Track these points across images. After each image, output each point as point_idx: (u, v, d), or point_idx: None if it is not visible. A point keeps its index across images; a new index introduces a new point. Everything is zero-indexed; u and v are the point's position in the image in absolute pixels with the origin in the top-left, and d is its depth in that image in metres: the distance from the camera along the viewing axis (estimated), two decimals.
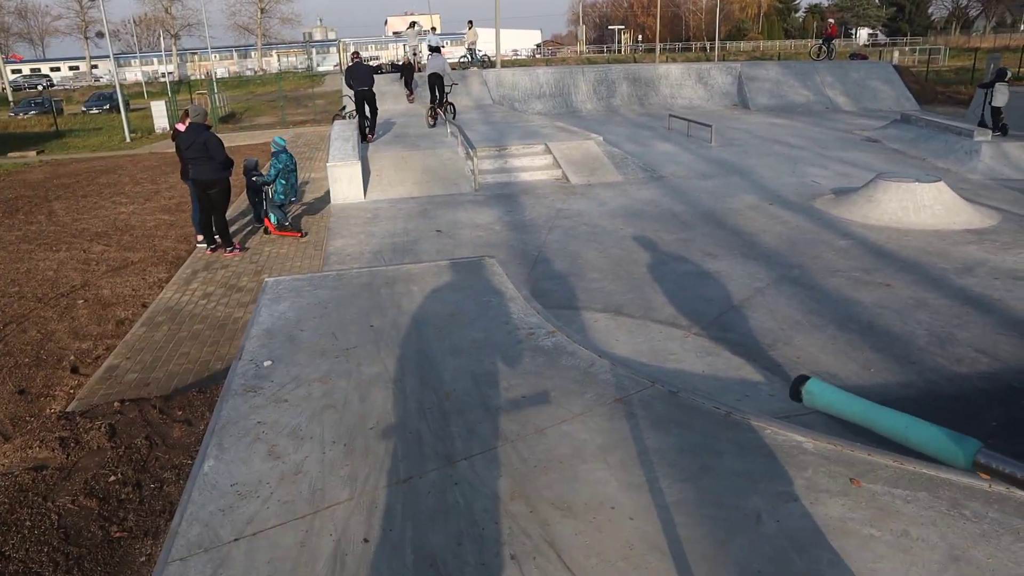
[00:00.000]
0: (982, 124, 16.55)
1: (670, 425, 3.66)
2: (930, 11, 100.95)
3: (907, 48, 65.92)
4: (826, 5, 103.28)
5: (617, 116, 24.49)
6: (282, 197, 11.14)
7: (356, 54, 18.64)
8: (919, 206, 10.90)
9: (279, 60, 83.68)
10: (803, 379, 3.40)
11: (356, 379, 4.04)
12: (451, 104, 18.71)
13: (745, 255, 9.36)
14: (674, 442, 3.52)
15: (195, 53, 79.58)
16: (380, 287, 5.00)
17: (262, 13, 72.80)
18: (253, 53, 79.26)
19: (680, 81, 27.91)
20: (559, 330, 4.38)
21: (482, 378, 4.08)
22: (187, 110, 10.89)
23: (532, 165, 14.52)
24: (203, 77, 58.22)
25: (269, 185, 11.08)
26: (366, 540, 2.81)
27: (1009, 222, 10.94)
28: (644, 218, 11.25)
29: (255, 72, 71.30)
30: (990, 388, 5.89)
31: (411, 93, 23.55)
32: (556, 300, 7.86)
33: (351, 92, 16.92)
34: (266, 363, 4.19)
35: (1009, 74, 17.31)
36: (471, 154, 13.66)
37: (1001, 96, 16.52)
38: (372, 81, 16.55)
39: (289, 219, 11.66)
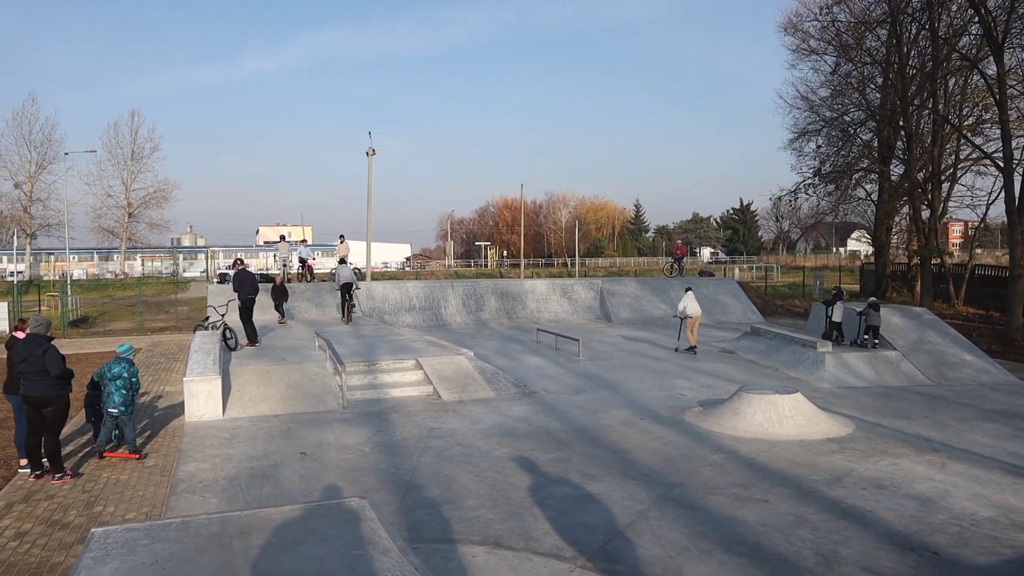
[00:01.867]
0: (826, 336, 17.98)
1: None
2: (760, 234, 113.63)
3: (745, 266, 72.93)
4: (672, 227, 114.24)
5: (487, 329, 24.93)
6: (123, 408, 10.05)
7: (240, 260, 18.51)
8: (782, 417, 11.31)
9: (143, 264, 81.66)
10: None
11: None
12: (354, 305, 22.40)
13: (624, 474, 9.18)
14: None
15: (51, 253, 76.51)
16: (233, 539, 4.33)
17: (130, 218, 71.66)
18: (116, 256, 77.10)
19: (546, 295, 29.09)
20: None
21: None
22: (25, 318, 9.99)
23: (403, 381, 14.18)
24: (57, 278, 55.54)
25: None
26: None
27: (862, 430, 11.50)
28: (519, 437, 10.99)
29: (116, 275, 68.90)
30: None
31: (283, 317, 22.01)
32: (430, 532, 7.27)
33: (220, 303, 17.00)
34: None
35: (845, 294, 19.18)
36: (339, 369, 13.21)
37: (839, 312, 18.17)
38: (257, 289, 17.58)
39: (120, 436, 10.39)
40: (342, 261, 25.00)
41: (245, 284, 17.18)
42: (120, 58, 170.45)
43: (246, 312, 16.98)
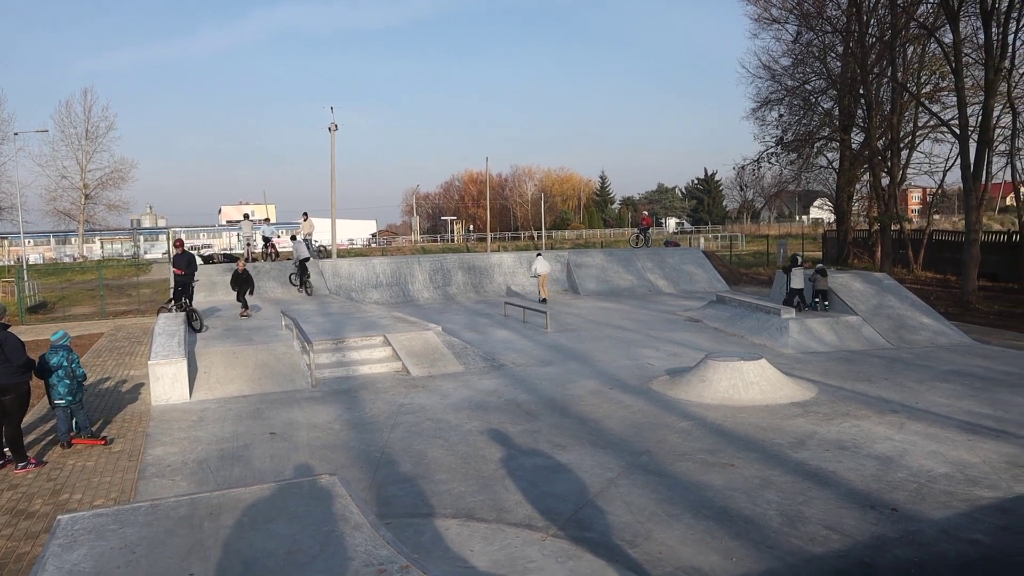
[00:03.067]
0: (787, 303, 18.28)
1: None
2: (724, 204, 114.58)
3: (710, 235, 73.61)
4: (638, 198, 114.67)
5: (454, 304, 24.91)
6: (70, 398, 9.85)
7: (181, 241, 18.27)
8: (747, 383, 11.52)
9: (102, 246, 79.92)
10: None
11: None
12: (310, 281, 23.94)
13: (593, 444, 9.30)
14: None
15: (4, 237, 74.54)
16: (203, 520, 4.31)
17: (86, 199, 69.79)
18: (74, 239, 75.27)
19: (513, 269, 29.08)
20: (413, 564, 3.89)
21: None
22: None
23: (371, 358, 14.15)
24: (12, 263, 54.13)
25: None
26: None
27: (825, 393, 11.77)
28: (488, 410, 11.06)
29: (75, 259, 67.36)
30: (846, 567, 5.94)
31: (245, 309, 18.94)
32: (403, 507, 7.32)
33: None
34: None
35: (800, 259, 19.47)
36: (307, 348, 13.13)
37: (797, 279, 18.48)
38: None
39: (77, 424, 10.19)
40: (293, 238, 26.64)
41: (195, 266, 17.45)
42: (70, 34, 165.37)
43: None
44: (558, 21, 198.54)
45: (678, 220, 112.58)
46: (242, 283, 18.89)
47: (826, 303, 18.19)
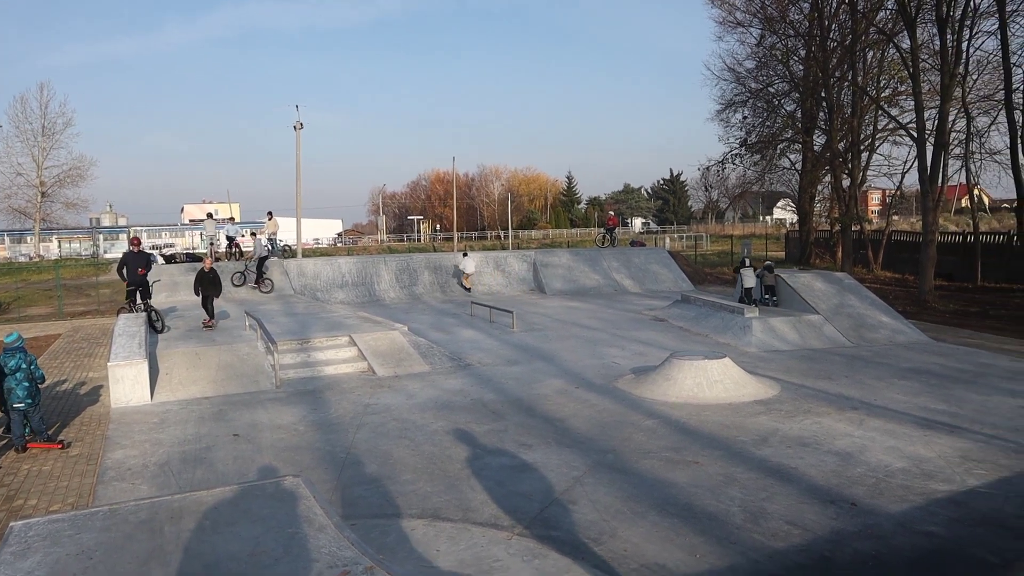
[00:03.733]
0: (741, 302, 18.69)
1: None
2: (689, 204, 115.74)
3: (675, 235, 74.29)
4: (604, 198, 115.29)
5: (420, 304, 24.82)
6: (29, 401, 9.59)
7: (138, 239, 17.87)
8: (711, 382, 11.66)
9: (60, 246, 78.11)
10: None
11: None
12: (270, 280, 23.92)
13: (559, 443, 9.34)
14: None
15: None
16: (163, 524, 4.24)
17: (43, 197, 68.06)
18: (30, 237, 73.42)
19: (479, 268, 29.02)
20: (377, 565, 3.87)
21: None
22: None
23: (337, 358, 14.04)
24: None
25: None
26: None
27: (787, 391, 11.96)
28: (455, 409, 11.05)
29: (31, 258, 65.73)
30: (806, 561, 6.05)
31: (211, 318, 16.99)
32: (368, 508, 7.28)
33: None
34: None
35: (748, 260, 19.94)
36: (271, 348, 12.99)
37: (748, 279, 18.88)
38: None
39: (31, 428, 9.92)
40: (253, 234, 27.54)
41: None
42: (26, 27, 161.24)
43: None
44: (525, 22, 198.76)
45: (644, 220, 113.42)
46: (207, 285, 16.77)
47: (775, 298, 19.03)
